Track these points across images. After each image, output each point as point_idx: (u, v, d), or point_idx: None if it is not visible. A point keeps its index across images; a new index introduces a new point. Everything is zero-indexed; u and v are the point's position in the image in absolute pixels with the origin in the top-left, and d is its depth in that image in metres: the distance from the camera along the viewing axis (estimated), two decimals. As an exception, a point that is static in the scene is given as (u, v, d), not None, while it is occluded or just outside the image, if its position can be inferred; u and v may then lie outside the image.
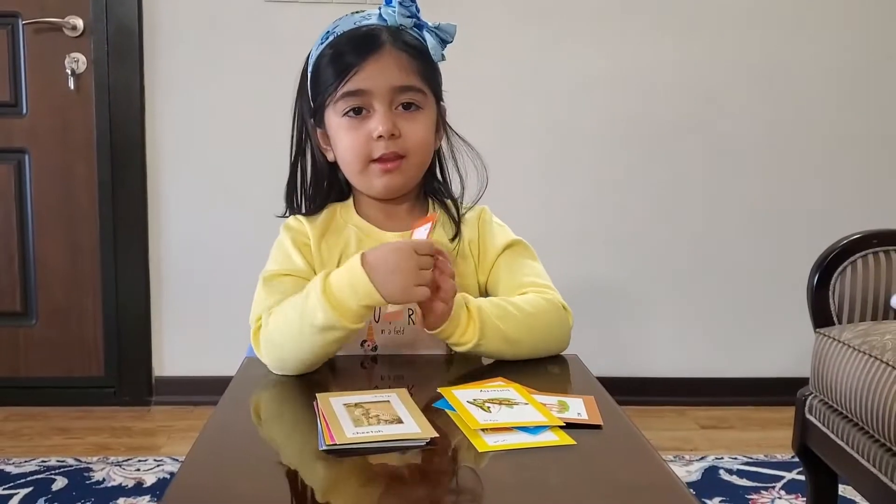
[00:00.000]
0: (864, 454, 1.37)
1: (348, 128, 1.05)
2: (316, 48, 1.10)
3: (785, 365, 2.47)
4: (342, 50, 1.05)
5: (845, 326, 1.54)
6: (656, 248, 2.49)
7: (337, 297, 0.93)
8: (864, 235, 1.62)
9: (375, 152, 1.05)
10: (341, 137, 1.07)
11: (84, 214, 2.42)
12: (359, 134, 1.05)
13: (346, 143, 1.06)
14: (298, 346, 0.96)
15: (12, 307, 2.44)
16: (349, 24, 1.08)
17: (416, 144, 1.06)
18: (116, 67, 2.35)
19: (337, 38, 1.06)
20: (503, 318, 1.00)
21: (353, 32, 1.06)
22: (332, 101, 1.06)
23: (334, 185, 1.14)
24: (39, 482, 1.90)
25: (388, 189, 1.08)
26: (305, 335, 0.95)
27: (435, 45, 1.06)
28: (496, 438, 0.77)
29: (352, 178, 1.10)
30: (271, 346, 0.99)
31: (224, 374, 1.02)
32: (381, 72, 1.03)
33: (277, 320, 1.00)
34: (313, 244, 1.09)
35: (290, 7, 2.33)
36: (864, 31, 2.45)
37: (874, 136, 2.48)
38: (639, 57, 2.41)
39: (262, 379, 0.99)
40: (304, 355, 0.97)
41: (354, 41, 1.05)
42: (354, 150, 1.06)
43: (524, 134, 2.42)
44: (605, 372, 1.08)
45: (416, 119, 1.06)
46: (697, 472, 1.99)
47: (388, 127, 1.03)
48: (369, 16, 1.08)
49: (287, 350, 0.98)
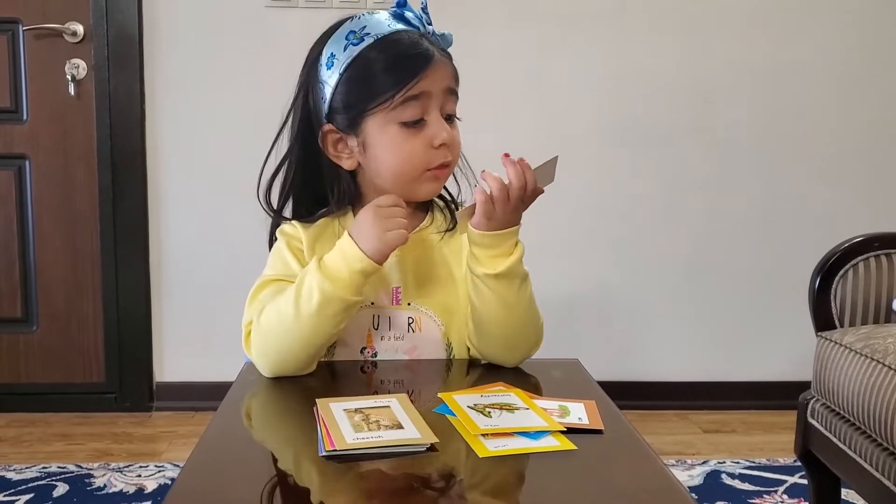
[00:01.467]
0: (867, 458, 1.37)
1: (405, 137, 1.02)
2: (341, 48, 1.03)
3: (787, 369, 2.46)
4: (398, 58, 1.01)
5: (847, 330, 1.54)
6: (657, 251, 2.48)
7: (330, 269, 0.97)
8: (865, 238, 1.61)
9: (435, 160, 1.03)
10: (395, 147, 1.02)
11: (84, 220, 2.42)
12: (416, 142, 1.02)
13: (404, 154, 1.02)
14: (297, 335, 0.97)
15: (13, 313, 2.43)
16: (381, 27, 1.03)
17: (457, 154, 1.07)
18: (117, 73, 2.35)
19: (381, 43, 1.01)
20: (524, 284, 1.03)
21: (397, 37, 1.02)
22: (386, 110, 1.01)
23: (345, 192, 1.09)
24: (40, 488, 1.90)
25: (433, 194, 1.10)
26: (303, 320, 0.96)
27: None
28: (497, 444, 0.77)
29: (396, 187, 1.05)
30: (265, 344, 0.99)
31: (225, 379, 1.02)
32: (437, 77, 1.02)
33: (269, 317, 0.99)
34: (306, 249, 1.07)
35: (290, 12, 2.33)
36: (865, 31, 2.45)
37: (875, 138, 2.48)
38: (639, 58, 2.41)
39: (261, 384, 0.99)
40: (302, 344, 0.97)
41: (408, 48, 1.01)
42: (412, 161, 1.03)
43: (524, 135, 2.41)
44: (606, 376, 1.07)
45: (455, 126, 1.07)
46: (699, 477, 1.98)
47: (451, 134, 1.03)
48: (392, 20, 1.04)
49: (285, 343, 0.97)
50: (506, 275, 0.99)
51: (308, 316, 0.96)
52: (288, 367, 0.99)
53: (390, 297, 1.07)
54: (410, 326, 1.07)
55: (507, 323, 1.02)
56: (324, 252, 1.06)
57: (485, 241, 0.99)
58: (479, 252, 1.00)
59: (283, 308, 0.98)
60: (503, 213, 0.98)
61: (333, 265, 0.97)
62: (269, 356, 0.99)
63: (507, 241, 1.00)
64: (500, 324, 1.02)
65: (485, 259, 1.00)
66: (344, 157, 1.07)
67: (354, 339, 1.07)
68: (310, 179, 1.10)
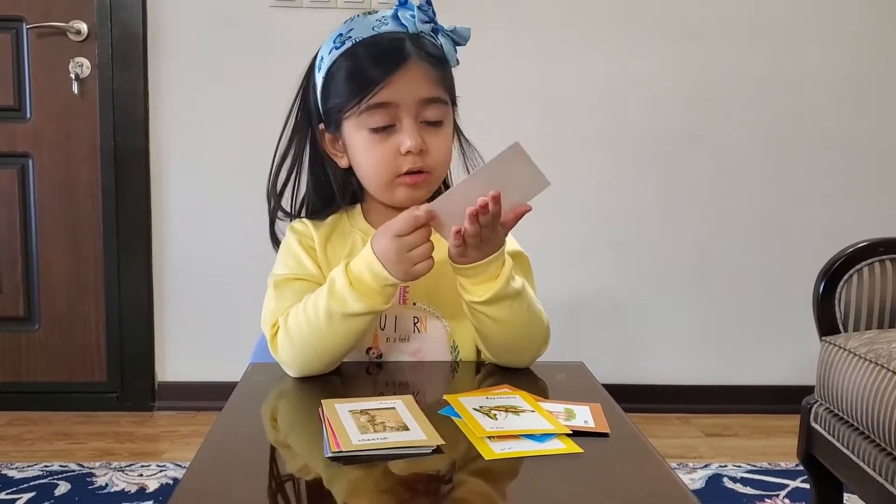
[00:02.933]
0: (870, 463, 1.37)
1: (374, 143, 1.01)
2: (328, 51, 1.04)
3: (790, 373, 2.46)
4: (364, 64, 1.00)
5: (851, 334, 1.54)
6: (660, 255, 2.48)
7: (363, 282, 0.96)
8: (870, 243, 1.61)
9: (403, 167, 1.01)
10: (365, 152, 1.02)
11: (87, 219, 2.42)
12: (385, 148, 1.00)
13: (373, 159, 1.02)
14: (331, 341, 0.97)
15: (15, 312, 2.43)
16: (366, 29, 1.02)
17: (439, 161, 1.04)
18: (120, 72, 2.36)
19: (356, 47, 1.01)
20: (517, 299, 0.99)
21: (374, 41, 1.01)
22: (355, 115, 1.01)
23: (348, 190, 1.11)
24: (42, 487, 1.90)
25: (411, 202, 1.05)
26: (335, 325, 0.96)
27: (451, 51, 1.04)
28: (503, 446, 0.77)
29: (374, 191, 1.07)
30: (295, 348, 0.99)
31: (227, 379, 1.01)
32: (407, 85, 0.99)
33: (299, 320, 0.99)
34: (318, 247, 1.08)
35: (295, 12, 2.33)
36: (867, 37, 2.44)
37: (879, 143, 2.47)
38: (642, 63, 2.41)
39: (267, 385, 0.99)
40: (334, 348, 0.98)
41: (377, 54, 1.00)
42: (381, 166, 1.02)
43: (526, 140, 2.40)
44: (608, 379, 1.07)
45: (440, 134, 1.03)
46: (701, 480, 1.98)
47: (417, 142, 1.00)
48: (385, 20, 1.02)
49: (316, 348, 0.98)
50: (494, 299, 0.97)
51: (343, 325, 0.96)
52: (315, 368, 1.00)
53: (398, 296, 1.07)
54: (416, 327, 1.07)
55: (508, 335, 1.01)
56: (335, 250, 1.08)
57: (465, 272, 0.97)
58: (463, 281, 0.98)
59: (315, 316, 0.97)
60: (476, 249, 0.95)
61: (362, 277, 0.95)
62: (299, 359, 0.99)
63: (489, 268, 0.96)
64: (501, 337, 1.02)
65: (470, 287, 0.98)
66: (339, 156, 1.08)
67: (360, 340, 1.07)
68: (317, 177, 1.11)
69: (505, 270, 0.97)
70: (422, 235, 0.93)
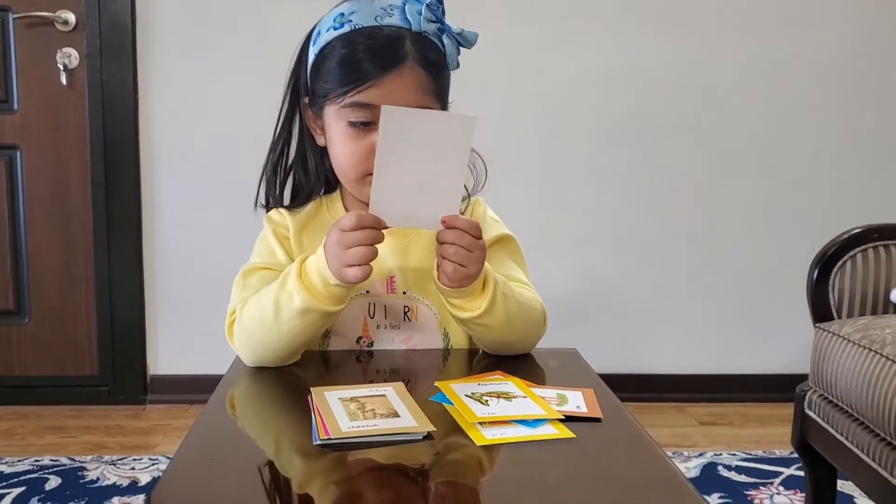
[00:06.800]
0: (864, 449, 1.36)
1: (351, 136, 0.98)
2: (326, 28, 1.00)
3: (784, 361, 2.46)
4: (358, 55, 0.96)
5: (845, 321, 1.53)
6: (655, 245, 2.47)
7: (310, 278, 0.93)
8: (864, 230, 1.61)
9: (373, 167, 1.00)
10: (341, 143, 1.00)
11: (77, 211, 2.40)
12: (361, 144, 0.97)
13: (347, 152, 0.99)
14: (277, 333, 0.95)
15: (5, 305, 2.41)
16: (369, 16, 0.97)
17: None
18: (109, 63, 2.33)
19: (354, 34, 0.97)
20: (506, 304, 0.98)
21: (374, 32, 0.96)
22: (338, 105, 0.98)
23: (322, 169, 1.08)
24: (33, 481, 1.88)
25: None
26: (283, 321, 0.94)
27: (452, 54, 1.01)
28: (494, 432, 0.76)
29: (343, 182, 1.05)
30: (246, 337, 0.98)
31: (219, 372, 1.00)
32: (396, 90, 0.95)
33: (251, 311, 0.98)
34: (293, 237, 1.06)
35: (286, 2, 2.31)
36: (863, 27, 2.43)
37: (873, 133, 2.47)
38: (637, 55, 2.40)
39: (254, 375, 0.98)
40: (283, 342, 0.96)
41: (374, 48, 0.95)
42: (353, 161, 0.99)
43: (522, 133, 2.40)
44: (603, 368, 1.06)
45: None
46: (696, 469, 1.97)
47: None
48: (391, 10, 0.98)
49: (265, 339, 0.96)
50: (484, 314, 0.96)
51: (287, 319, 0.94)
52: (267, 361, 0.99)
53: (385, 286, 1.06)
54: (406, 315, 1.06)
55: (507, 334, 1.01)
56: (311, 240, 1.05)
57: (451, 294, 0.96)
58: (454, 301, 0.97)
59: (265, 307, 0.96)
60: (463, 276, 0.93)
61: (311, 276, 0.93)
62: (250, 350, 0.99)
63: (475, 288, 0.96)
64: (496, 341, 1.02)
65: (458, 304, 0.97)
66: (318, 134, 1.06)
67: (350, 328, 1.06)
68: (302, 146, 1.08)
69: (490, 283, 0.96)
70: (364, 236, 0.89)
